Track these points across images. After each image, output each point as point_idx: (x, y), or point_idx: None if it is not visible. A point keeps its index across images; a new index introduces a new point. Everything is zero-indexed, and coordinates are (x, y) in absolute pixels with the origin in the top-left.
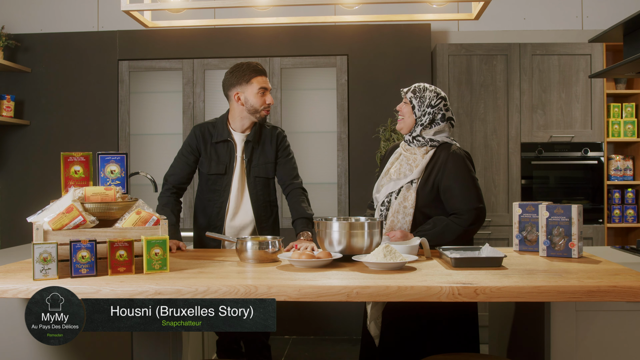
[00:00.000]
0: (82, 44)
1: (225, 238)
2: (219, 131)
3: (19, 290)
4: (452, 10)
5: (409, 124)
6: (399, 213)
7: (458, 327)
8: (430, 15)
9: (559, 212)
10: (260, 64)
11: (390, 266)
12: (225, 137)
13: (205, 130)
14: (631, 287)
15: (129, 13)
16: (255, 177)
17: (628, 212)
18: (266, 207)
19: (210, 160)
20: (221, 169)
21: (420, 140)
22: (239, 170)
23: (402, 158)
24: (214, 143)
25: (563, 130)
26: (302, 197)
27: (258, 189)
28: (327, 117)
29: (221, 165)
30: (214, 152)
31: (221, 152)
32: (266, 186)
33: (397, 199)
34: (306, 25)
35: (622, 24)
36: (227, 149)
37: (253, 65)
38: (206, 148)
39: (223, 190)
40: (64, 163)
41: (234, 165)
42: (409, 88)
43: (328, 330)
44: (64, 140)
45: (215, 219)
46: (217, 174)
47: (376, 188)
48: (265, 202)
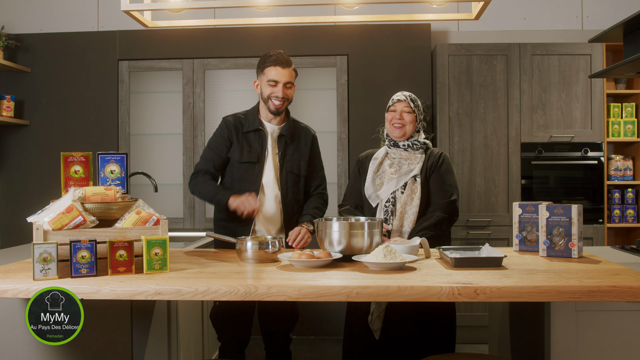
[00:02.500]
0: (82, 44)
1: (225, 238)
2: (250, 121)
3: (19, 290)
4: (452, 10)
5: (410, 132)
6: (408, 204)
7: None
8: (430, 15)
9: (559, 212)
10: (283, 53)
11: (390, 266)
12: (256, 126)
13: (237, 121)
14: (631, 287)
15: (129, 13)
16: (288, 172)
17: (628, 212)
18: (293, 206)
19: (242, 149)
20: (253, 157)
21: (417, 144)
22: (272, 162)
23: (397, 160)
24: (245, 132)
25: (563, 130)
26: (320, 202)
27: (289, 184)
28: (327, 117)
29: (253, 153)
30: (246, 142)
31: (252, 141)
32: (296, 184)
33: (405, 193)
34: (306, 25)
35: (622, 24)
36: (259, 138)
37: (271, 55)
38: (238, 137)
39: (255, 179)
40: (64, 163)
41: (265, 154)
42: (407, 96)
43: (328, 330)
44: (64, 140)
45: None
46: (249, 162)
47: (372, 188)
48: (294, 200)
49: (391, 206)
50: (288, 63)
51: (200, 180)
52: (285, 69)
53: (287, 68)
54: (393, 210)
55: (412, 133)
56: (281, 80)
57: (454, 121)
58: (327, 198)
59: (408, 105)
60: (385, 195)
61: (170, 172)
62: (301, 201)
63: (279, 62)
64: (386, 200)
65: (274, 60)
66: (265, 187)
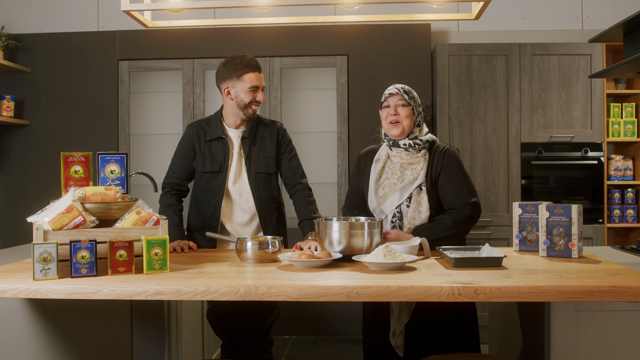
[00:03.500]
0: (82, 44)
1: (225, 238)
2: (212, 129)
3: (19, 290)
4: (452, 10)
5: (408, 127)
6: (415, 219)
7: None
8: (430, 15)
9: (559, 212)
10: (254, 58)
11: (390, 266)
12: (219, 134)
13: (199, 128)
14: (631, 287)
15: (129, 13)
16: (257, 173)
17: (628, 212)
18: (269, 204)
19: (204, 159)
20: (215, 167)
21: (419, 143)
22: (236, 167)
23: (399, 165)
24: (208, 141)
25: (563, 130)
26: (309, 198)
27: (260, 185)
28: (327, 117)
29: (215, 163)
30: (208, 150)
31: (215, 150)
32: (268, 182)
33: (411, 207)
34: (306, 25)
35: (622, 24)
36: (222, 147)
37: (246, 60)
38: (200, 146)
39: (217, 189)
40: (64, 163)
41: (229, 162)
42: (399, 88)
43: (328, 330)
44: (64, 140)
45: (210, 219)
46: (211, 172)
47: (375, 201)
48: (268, 198)
49: (398, 221)
50: (260, 68)
51: (165, 203)
52: (260, 73)
53: (261, 72)
54: (400, 226)
55: (411, 129)
56: (261, 86)
57: (454, 121)
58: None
59: (402, 98)
60: (389, 210)
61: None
62: (277, 197)
63: (256, 68)
64: (392, 216)
65: (251, 66)
66: (232, 193)
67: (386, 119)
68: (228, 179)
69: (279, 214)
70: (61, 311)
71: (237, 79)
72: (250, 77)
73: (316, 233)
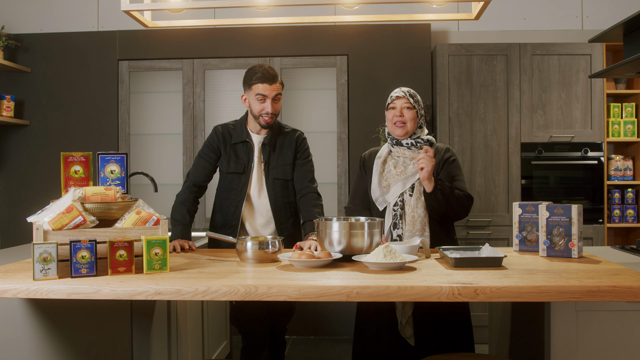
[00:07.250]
0: (82, 44)
1: (225, 238)
2: (238, 132)
3: (19, 290)
4: (452, 10)
5: (412, 129)
6: (418, 207)
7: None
8: (430, 15)
9: (559, 212)
10: (271, 68)
11: (390, 266)
12: (243, 138)
13: (226, 131)
14: (631, 287)
15: (129, 13)
16: (274, 179)
17: (628, 212)
18: (285, 209)
19: (229, 160)
20: (239, 168)
21: (421, 142)
22: (257, 171)
23: (402, 160)
24: (233, 144)
25: (563, 130)
26: (316, 201)
27: (277, 190)
28: (327, 117)
29: (240, 164)
30: (233, 153)
31: (240, 152)
32: (285, 188)
33: (414, 195)
34: (306, 25)
35: (622, 24)
36: (246, 150)
37: (260, 71)
38: (226, 148)
39: (240, 189)
40: (64, 163)
41: (252, 165)
42: (405, 92)
43: (328, 330)
44: (64, 140)
45: (232, 217)
46: (235, 173)
47: (379, 191)
48: (285, 203)
49: (400, 209)
50: (274, 79)
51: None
52: (272, 84)
53: (274, 84)
54: (402, 214)
55: (414, 130)
56: (270, 96)
57: (454, 121)
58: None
59: (408, 101)
60: (392, 199)
61: (170, 172)
62: (294, 202)
63: (266, 80)
64: (394, 204)
65: (260, 78)
66: (252, 197)
67: (392, 120)
68: (251, 181)
69: (295, 218)
70: (61, 311)
71: (249, 88)
72: (258, 87)
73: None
